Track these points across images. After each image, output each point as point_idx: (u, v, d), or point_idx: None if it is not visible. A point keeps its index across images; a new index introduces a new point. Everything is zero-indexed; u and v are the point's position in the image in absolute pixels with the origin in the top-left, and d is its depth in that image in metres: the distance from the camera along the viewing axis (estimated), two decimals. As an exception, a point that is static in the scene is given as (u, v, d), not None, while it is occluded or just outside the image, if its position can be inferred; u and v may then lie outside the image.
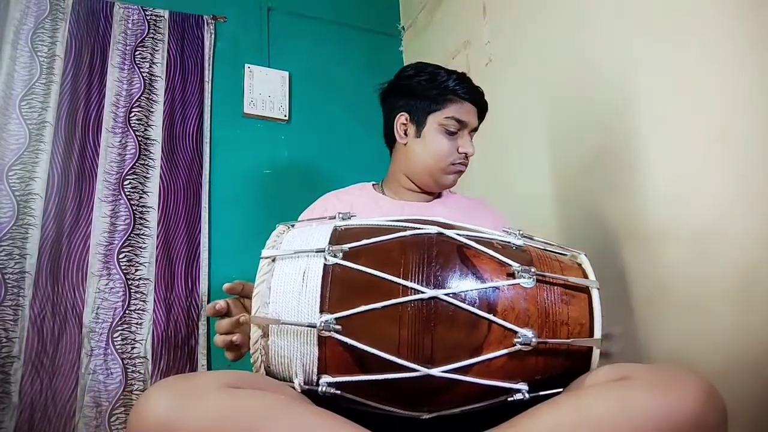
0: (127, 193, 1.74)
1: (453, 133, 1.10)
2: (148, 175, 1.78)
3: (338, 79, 2.19)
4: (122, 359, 1.60)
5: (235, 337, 0.82)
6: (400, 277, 0.68)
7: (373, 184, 1.22)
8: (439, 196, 1.21)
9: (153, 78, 1.87)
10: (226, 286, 0.84)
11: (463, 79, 1.12)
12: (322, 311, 0.67)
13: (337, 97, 2.16)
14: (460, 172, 1.14)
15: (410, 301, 0.66)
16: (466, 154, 1.10)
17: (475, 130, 1.15)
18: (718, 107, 1.00)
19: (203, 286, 1.77)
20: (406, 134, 1.14)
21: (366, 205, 1.13)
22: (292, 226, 0.83)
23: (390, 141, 1.20)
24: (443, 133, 1.10)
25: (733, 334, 0.95)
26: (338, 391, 0.69)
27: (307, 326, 0.67)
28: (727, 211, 0.97)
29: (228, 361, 0.86)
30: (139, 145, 1.79)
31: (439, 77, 1.10)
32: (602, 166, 1.27)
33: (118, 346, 1.60)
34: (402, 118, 1.14)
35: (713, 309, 0.98)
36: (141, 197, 1.76)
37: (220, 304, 0.84)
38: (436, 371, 0.65)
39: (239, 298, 0.88)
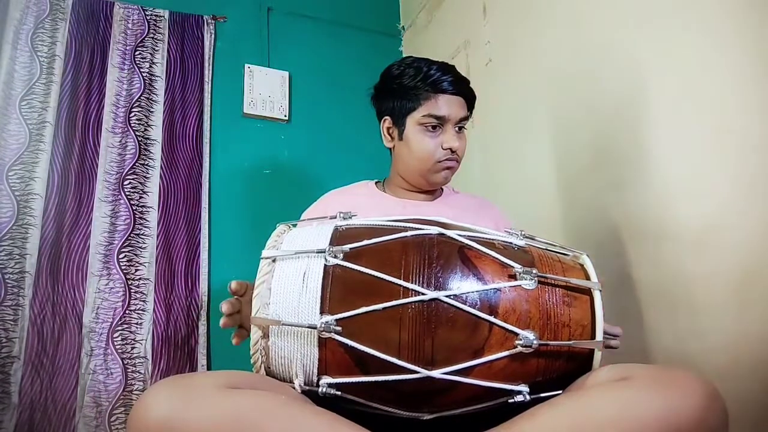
0: (127, 193, 1.74)
1: (435, 130, 1.06)
2: (148, 175, 1.78)
3: (338, 79, 2.19)
4: (122, 359, 1.59)
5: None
6: (400, 279, 0.67)
7: (375, 182, 1.22)
8: (441, 194, 1.20)
9: (153, 78, 1.87)
10: (232, 287, 0.85)
11: (429, 74, 1.06)
12: (322, 312, 0.67)
13: (337, 97, 2.16)
14: (450, 168, 1.09)
15: (411, 302, 0.66)
16: (450, 149, 1.06)
17: (464, 119, 1.09)
18: (721, 107, 1.00)
19: (203, 286, 1.77)
20: (392, 138, 1.14)
21: (368, 204, 1.12)
22: (293, 225, 0.83)
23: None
24: (424, 132, 1.07)
25: (734, 335, 0.95)
26: (338, 392, 0.69)
27: (308, 327, 0.67)
28: (728, 212, 0.97)
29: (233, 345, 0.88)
30: (139, 145, 1.79)
31: (407, 77, 1.07)
32: (603, 166, 1.27)
33: (118, 346, 1.60)
34: (386, 123, 1.14)
35: (714, 309, 0.98)
36: (141, 197, 1.76)
37: (241, 284, 0.86)
38: (436, 373, 0.65)
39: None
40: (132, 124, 1.80)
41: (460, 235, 0.73)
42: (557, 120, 1.46)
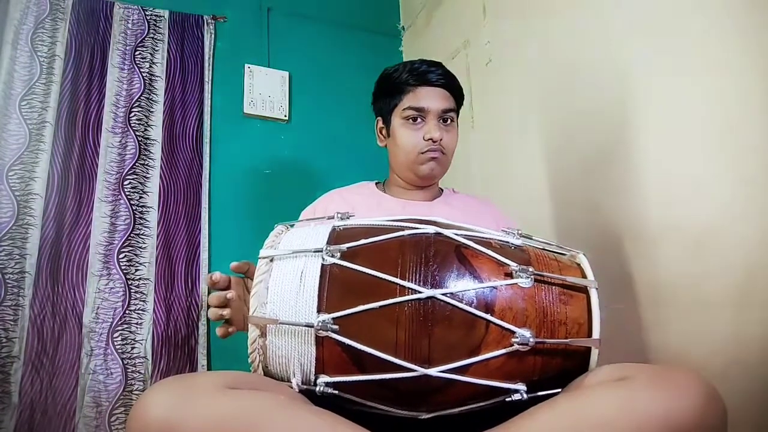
0: (127, 193, 1.74)
1: (416, 123, 1.08)
2: (148, 175, 1.78)
3: (338, 79, 2.19)
4: (122, 359, 1.60)
5: (226, 312, 0.84)
6: (397, 277, 0.67)
7: (376, 183, 1.23)
8: (441, 194, 1.21)
9: (153, 78, 1.87)
10: (233, 264, 0.85)
11: (413, 67, 1.10)
12: (319, 311, 0.67)
13: (337, 97, 2.16)
14: (435, 159, 1.09)
15: (408, 301, 0.66)
16: (432, 139, 1.07)
17: (448, 111, 1.10)
18: (719, 108, 1.00)
19: (203, 286, 1.77)
20: (384, 137, 1.18)
21: (368, 204, 1.13)
22: (291, 225, 0.84)
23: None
24: (406, 125, 1.09)
25: (733, 335, 0.94)
26: (336, 391, 0.69)
27: (305, 326, 0.67)
28: (726, 213, 0.97)
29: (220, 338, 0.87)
30: (139, 145, 1.79)
31: (395, 74, 1.11)
32: (602, 166, 1.26)
33: (118, 346, 1.60)
34: (379, 123, 1.19)
35: (713, 310, 0.98)
36: (141, 197, 1.76)
37: (216, 275, 0.85)
38: (433, 371, 0.65)
39: (244, 278, 0.89)
40: (132, 124, 1.80)
41: (456, 234, 0.73)
42: (557, 120, 1.46)
